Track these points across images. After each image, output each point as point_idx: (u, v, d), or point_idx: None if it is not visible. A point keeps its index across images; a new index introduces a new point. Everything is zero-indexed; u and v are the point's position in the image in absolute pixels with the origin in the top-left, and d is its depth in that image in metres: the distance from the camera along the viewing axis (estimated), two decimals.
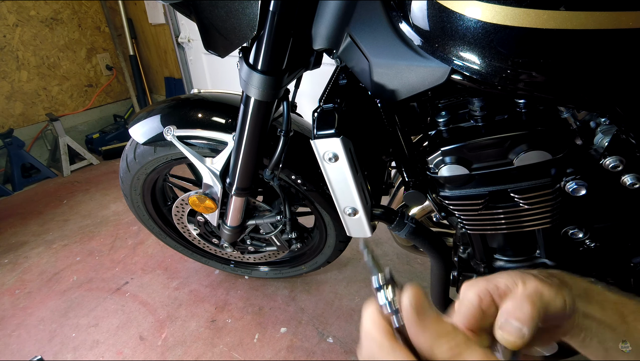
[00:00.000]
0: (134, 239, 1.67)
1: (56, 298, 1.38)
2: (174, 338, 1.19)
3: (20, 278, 1.50)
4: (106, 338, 1.21)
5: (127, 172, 1.07)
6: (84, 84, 2.73)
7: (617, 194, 0.56)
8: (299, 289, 1.34)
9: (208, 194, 0.99)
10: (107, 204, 1.97)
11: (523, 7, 0.41)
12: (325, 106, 0.63)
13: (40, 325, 1.28)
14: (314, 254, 1.22)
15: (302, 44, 0.63)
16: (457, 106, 0.62)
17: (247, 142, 0.80)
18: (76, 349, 1.18)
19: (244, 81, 0.67)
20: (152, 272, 1.47)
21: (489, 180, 0.58)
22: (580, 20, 0.40)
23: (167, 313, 1.28)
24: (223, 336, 1.18)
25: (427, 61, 0.51)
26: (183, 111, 0.94)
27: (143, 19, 2.65)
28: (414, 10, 0.49)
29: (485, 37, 0.44)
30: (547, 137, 0.53)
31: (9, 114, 2.40)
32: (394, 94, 0.55)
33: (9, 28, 2.31)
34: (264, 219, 1.08)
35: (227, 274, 1.43)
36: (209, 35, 0.68)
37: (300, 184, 0.94)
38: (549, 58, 0.43)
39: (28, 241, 1.72)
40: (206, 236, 1.23)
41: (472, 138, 0.56)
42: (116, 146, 2.59)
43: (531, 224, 0.61)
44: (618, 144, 0.51)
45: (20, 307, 1.36)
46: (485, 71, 0.46)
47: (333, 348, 1.12)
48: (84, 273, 1.50)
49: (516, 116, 0.56)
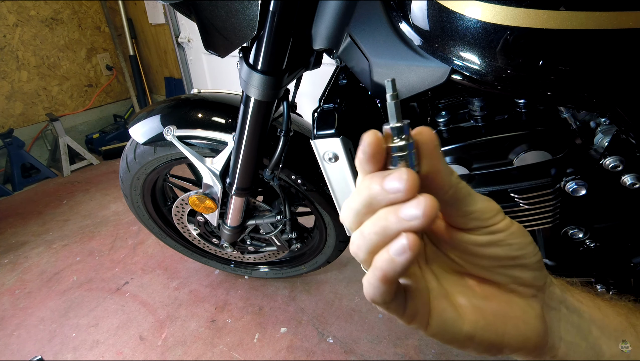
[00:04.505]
0: (134, 239, 1.67)
1: (56, 298, 1.38)
2: (174, 338, 1.19)
3: (20, 278, 1.50)
4: (106, 338, 1.21)
5: (127, 172, 1.07)
6: (84, 84, 2.73)
7: (617, 194, 0.56)
8: (299, 289, 1.34)
9: (208, 194, 0.99)
10: (107, 204, 1.97)
11: (523, 7, 0.41)
12: (325, 106, 0.63)
13: (40, 325, 1.27)
14: (314, 254, 1.22)
15: (302, 44, 0.63)
16: (457, 106, 0.62)
17: (247, 142, 0.80)
18: (76, 349, 1.18)
19: (244, 81, 0.67)
20: (152, 272, 1.47)
21: (489, 180, 0.58)
22: (580, 20, 0.40)
23: (167, 313, 1.28)
24: (223, 336, 1.18)
25: (427, 61, 0.51)
26: (183, 111, 0.94)
27: (143, 19, 2.65)
28: (414, 10, 0.49)
29: (485, 37, 0.44)
30: (547, 137, 0.53)
31: (9, 114, 2.40)
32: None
33: (9, 28, 2.30)
34: (264, 219, 1.08)
35: (227, 274, 1.43)
36: (209, 35, 0.69)
37: (300, 184, 0.94)
38: (549, 58, 0.43)
39: (28, 241, 1.72)
40: (206, 236, 1.23)
41: (472, 138, 0.56)
42: (116, 146, 2.59)
43: (531, 224, 0.61)
44: (618, 144, 0.51)
45: (20, 307, 1.36)
46: (485, 71, 0.46)
47: (333, 348, 1.12)
48: (84, 273, 1.50)
49: (516, 116, 0.56)
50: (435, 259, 0.27)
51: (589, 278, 0.68)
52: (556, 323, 0.28)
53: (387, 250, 0.21)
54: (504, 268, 0.26)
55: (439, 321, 0.25)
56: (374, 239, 0.22)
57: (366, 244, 0.22)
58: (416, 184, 0.20)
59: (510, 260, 0.25)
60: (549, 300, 0.28)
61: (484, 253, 0.25)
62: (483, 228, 0.24)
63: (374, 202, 0.22)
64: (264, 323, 1.22)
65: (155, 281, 1.42)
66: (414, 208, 0.20)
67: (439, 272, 0.27)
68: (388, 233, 0.21)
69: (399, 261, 0.20)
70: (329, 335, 1.16)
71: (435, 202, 0.20)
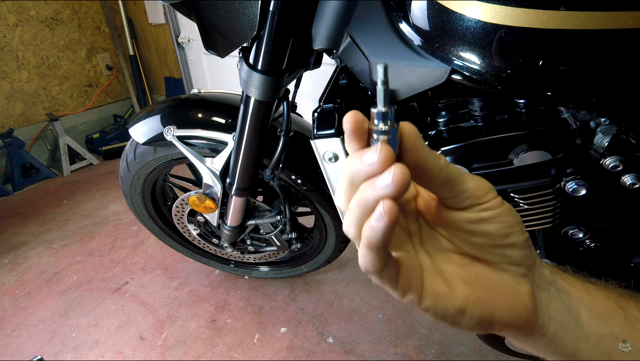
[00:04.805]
0: (134, 239, 1.67)
1: (56, 298, 1.38)
2: (174, 338, 1.19)
3: (20, 278, 1.50)
4: (106, 338, 1.21)
5: (127, 172, 1.07)
6: (84, 84, 2.73)
7: (617, 194, 0.56)
8: (299, 289, 1.34)
9: (208, 194, 0.99)
10: (107, 204, 1.97)
11: (523, 7, 0.41)
12: (325, 106, 0.63)
13: (40, 325, 1.27)
14: (314, 254, 1.22)
15: (302, 44, 0.63)
16: (457, 106, 0.62)
17: (247, 142, 0.80)
18: (76, 349, 1.18)
19: (244, 81, 0.67)
20: (152, 272, 1.47)
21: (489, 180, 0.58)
22: (580, 20, 0.40)
23: (167, 313, 1.28)
24: (223, 336, 1.18)
25: (427, 61, 0.51)
26: (183, 111, 0.94)
27: (143, 19, 2.65)
28: (414, 10, 0.49)
29: (485, 37, 0.44)
30: (547, 137, 0.53)
31: (9, 114, 2.40)
32: (394, 94, 0.55)
33: (9, 28, 2.30)
34: (264, 219, 1.08)
35: (227, 274, 1.43)
36: (209, 35, 0.69)
37: (300, 184, 0.94)
38: (549, 58, 0.43)
39: (28, 241, 1.72)
40: (206, 236, 1.23)
41: (472, 138, 0.56)
42: (116, 146, 2.59)
43: (531, 224, 0.62)
44: (618, 144, 0.51)
45: (20, 307, 1.36)
46: (485, 71, 0.46)
47: (333, 348, 1.12)
48: (84, 273, 1.50)
49: (516, 116, 0.56)
50: (430, 240, 0.29)
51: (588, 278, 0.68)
52: (546, 303, 0.29)
53: (369, 219, 0.22)
54: (495, 247, 0.27)
55: (431, 295, 0.26)
56: (357, 212, 0.23)
57: (352, 219, 0.24)
58: (391, 156, 0.21)
59: (500, 238, 0.26)
60: (538, 281, 0.29)
61: (476, 229, 0.26)
62: (476, 205, 0.26)
63: (355, 177, 0.23)
64: (264, 323, 1.22)
65: (155, 281, 1.42)
66: (386, 177, 0.21)
67: (433, 252, 0.28)
68: (367, 204, 0.22)
69: (378, 227, 0.22)
70: (329, 335, 1.16)
71: (405, 170, 0.21)
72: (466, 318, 0.26)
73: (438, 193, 0.26)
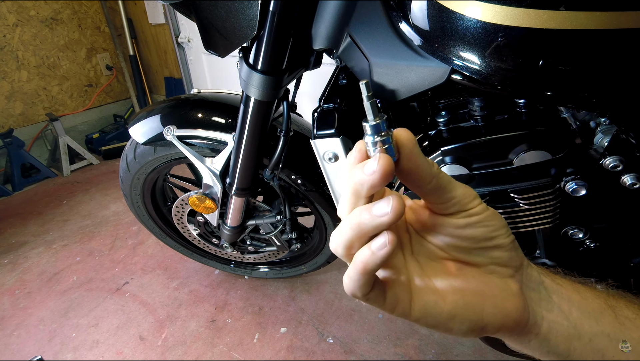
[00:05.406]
0: (134, 239, 1.67)
1: (56, 298, 1.38)
2: (174, 338, 1.19)
3: (20, 278, 1.50)
4: (106, 338, 1.21)
5: (127, 172, 1.07)
6: (84, 84, 2.73)
7: (617, 194, 0.56)
8: (299, 289, 1.34)
9: (208, 194, 0.99)
10: (107, 204, 1.97)
11: (523, 7, 0.41)
12: (325, 106, 0.63)
13: (40, 325, 1.27)
14: (314, 254, 1.22)
15: (302, 44, 0.63)
16: (457, 106, 0.62)
17: (247, 142, 0.80)
18: (76, 349, 1.18)
19: (244, 81, 0.67)
20: (152, 272, 1.47)
21: (489, 180, 0.58)
22: (580, 20, 0.40)
23: (167, 313, 1.28)
24: (223, 336, 1.18)
25: (427, 61, 0.51)
26: (183, 111, 0.94)
27: (143, 19, 2.65)
28: (414, 10, 0.49)
29: (485, 37, 0.44)
30: (547, 137, 0.53)
31: (9, 114, 2.40)
32: (394, 94, 0.55)
33: (9, 28, 2.30)
34: (264, 219, 1.08)
35: (227, 274, 1.43)
36: (209, 35, 0.69)
37: (300, 184, 0.94)
38: (549, 58, 0.43)
39: (28, 241, 1.72)
40: (206, 236, 1.23)
41: (472, 138, 0.56)
42: (116, 146, 2.59)
43: (531, 224, 0.62)
44: (618, 144, 0.51)
45: (20, 307, 1.36)
46: (485, 71, 0.46)
47: (333, 348, 1.12)
48: (84, 273, 1.50)
49: (516, 116, 0.56)
50: (421, 249, 0.30)
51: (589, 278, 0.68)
52: (537, 303, 0.29)
53: (369, 246, 0.24)
54: (482, 250, 0.28)
55: (421, 305, 0.27)
56: (350, 234, 0.24)
57: (343, 239, 0.25)
58: (390, 164, 0.23)
59: (487, 241, 0.27)
60: (527, 281, 0.30)
61: (463, 234, 0.27)
62: (463, 211, 0.27)
63: (359, 187, 0.24)
64: (264, 323, 1.22)
65: (155, 281, 1.42)
66: (384, 205, 0.23)
67: (423, 261, 0.29)
68: (363, 229, 0.24)
69: (379, 255, 0.23)
70: (329, 335, 1.16)
71: (402, 200, 0.23)
72: (457, 324, 0.27)
73: (428, 198, 0.27)
